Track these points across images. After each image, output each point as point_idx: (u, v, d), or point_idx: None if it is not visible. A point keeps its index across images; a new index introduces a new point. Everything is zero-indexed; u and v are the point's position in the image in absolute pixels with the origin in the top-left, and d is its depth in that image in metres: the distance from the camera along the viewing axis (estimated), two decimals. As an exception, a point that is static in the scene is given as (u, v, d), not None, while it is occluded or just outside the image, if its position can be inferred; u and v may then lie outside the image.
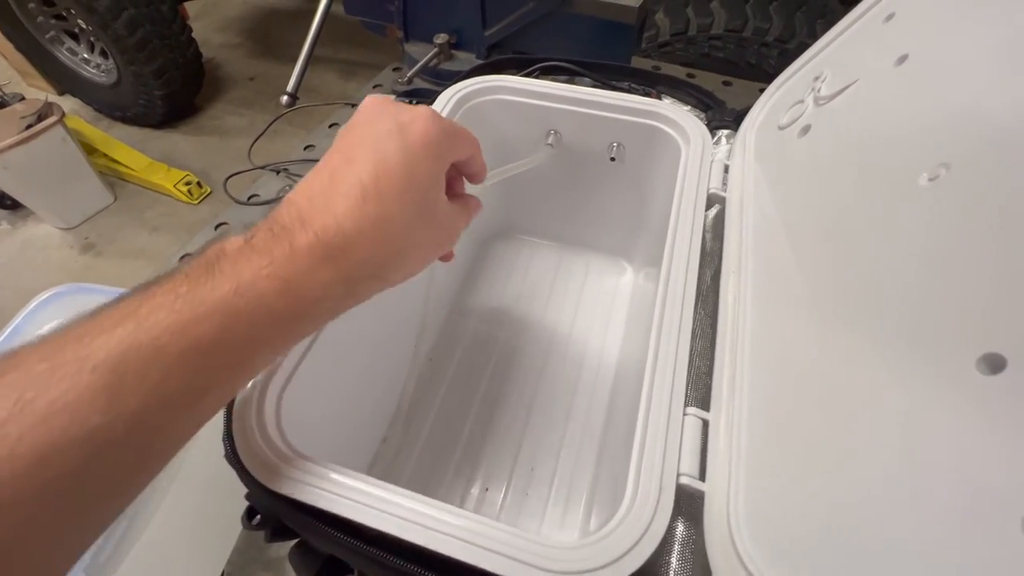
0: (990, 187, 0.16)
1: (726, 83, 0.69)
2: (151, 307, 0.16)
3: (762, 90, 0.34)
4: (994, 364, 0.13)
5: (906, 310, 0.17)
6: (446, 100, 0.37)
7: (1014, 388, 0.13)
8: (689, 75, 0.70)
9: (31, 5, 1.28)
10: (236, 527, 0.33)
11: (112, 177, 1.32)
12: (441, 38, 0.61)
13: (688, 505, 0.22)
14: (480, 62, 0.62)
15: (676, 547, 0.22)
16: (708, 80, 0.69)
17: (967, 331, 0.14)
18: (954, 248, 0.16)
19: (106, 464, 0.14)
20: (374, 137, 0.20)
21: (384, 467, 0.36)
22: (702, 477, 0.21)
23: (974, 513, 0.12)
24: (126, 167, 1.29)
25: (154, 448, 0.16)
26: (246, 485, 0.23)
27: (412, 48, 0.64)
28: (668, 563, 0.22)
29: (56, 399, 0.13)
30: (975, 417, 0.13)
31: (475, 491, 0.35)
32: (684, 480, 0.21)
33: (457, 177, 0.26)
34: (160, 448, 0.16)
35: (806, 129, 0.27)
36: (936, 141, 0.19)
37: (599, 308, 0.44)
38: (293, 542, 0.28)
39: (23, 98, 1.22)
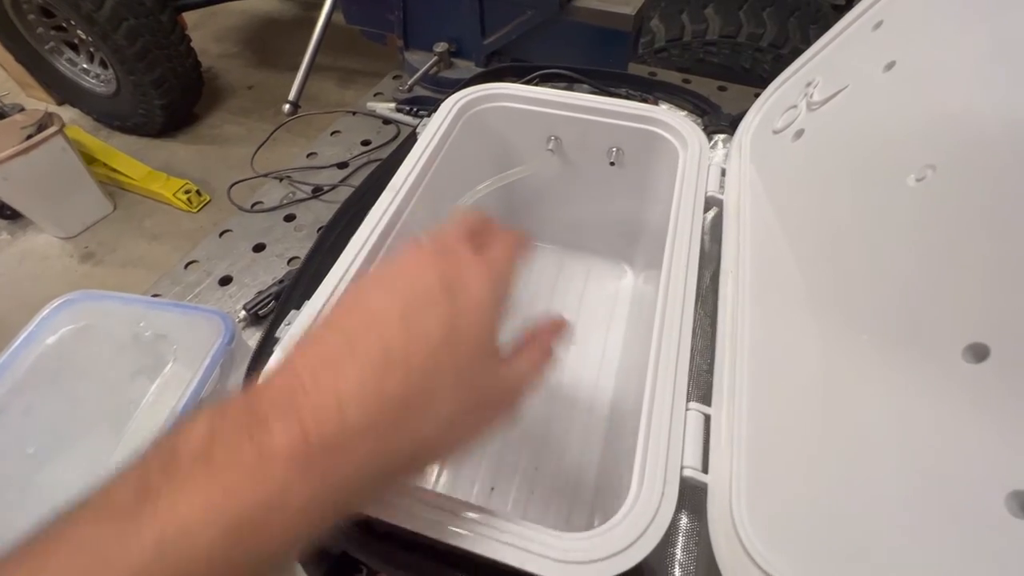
0: (974, 186, 0.17)
1: (722, 88, 0.70)
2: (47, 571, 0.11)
3: (757, 95, 0.35)
4: (979, 353, 0.14)
5: (897, 304, 0.18)
6: (448, 108, 0.38)
7: (997, 375, 0.14)
8: (685, 80, 0.71)
9: (31, 16, 1.29)
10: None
11: (112, 186, 1.33)
12: (441, 47, 0.62)
13: (692, 499, 0.22)
14: (480, 70, 0.63)
15: (680, 539, 0.22)
16: (704, 85, 0.70)
17: (953, 323, 0.15)
18: (941, 244, 0.17)
19: None
20: (413, 290, 0.16)
21: (391, 468, 0.36)
22: (705, 470, 0.22)
23: (962, 492, 0.13)
24: (126, 176, 1.30)
25: None
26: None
27: (412, 56, 0.65)
28: (673, 555, 0.22)
29: None
30: (962, 403, 0.14)
31: (482, 491, 0.36)
32: (688, 472, 0.21)
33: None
34: None
35: (799, 133, 0.28)
36: (923, 143, 0.20)
37: (600, 311, 0.44)
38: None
39: (23, 109, 1.22)
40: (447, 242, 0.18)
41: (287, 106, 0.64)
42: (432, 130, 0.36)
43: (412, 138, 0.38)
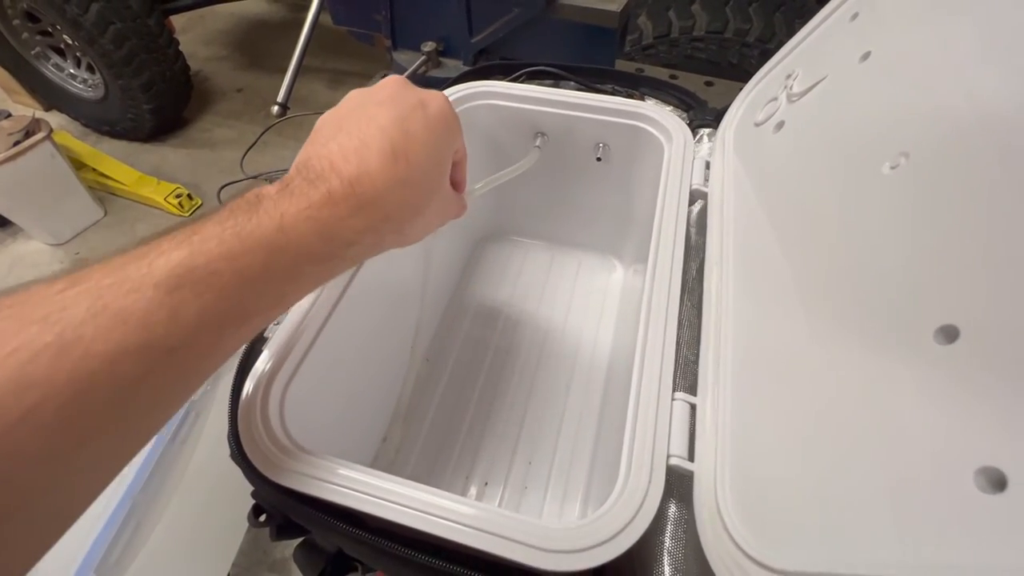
0: (945, 174, 0.17)
1: (708, 83, 0.70)
2: (202, 237, 0.17)
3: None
4: (949, 334, 0.15)
5: (874, 290, 0.18)
6: (435, 106, 0.38)
7: (966, 356, 0.14)
8: (672, 76, 0.72)
9: (16, 22, 1.27)
10: (241, 529, 0.33)
11: (102, 192, 1.32)
12: (429, 46, 0.62)
13: (679, 487, 0.23)
14: (467, 68, 0.64)
15: (669, 527, 0.23)
16: (691, 81, 0.70)
17: (926, 306, 0.16)
18: (913, 230, 0.17)
19: (162, 374, 0.16)
20: (400, 108, 0.22)
21: (385, 465, 0.36)
22: (691, 458, 0.22)
23: (934, 471, 0.14)
24: (116, 181, 1.29)
25: (201, 364, 0.17)
26: (252, 483, 0.24)
27: (400, 56, 0.65)
28: (662, 543, 0.23)
29: (124, 308, 0.15)
30: (934, 384, 0.14)
31: (475, 486, 0.36)
32: (674, 461, 0.22)
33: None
34: (205, 365, 0.18)
35: (780, 125, 0.28)
36: (897, 132, 0.20)
37: (591, 305, 0.45)
38: (297, 542, 0.29)
39: (9, 115, 1.21)
40: (408, 79, 0.25)
41: (276, 108, 0.64)
42: (419, 129, 0.37)
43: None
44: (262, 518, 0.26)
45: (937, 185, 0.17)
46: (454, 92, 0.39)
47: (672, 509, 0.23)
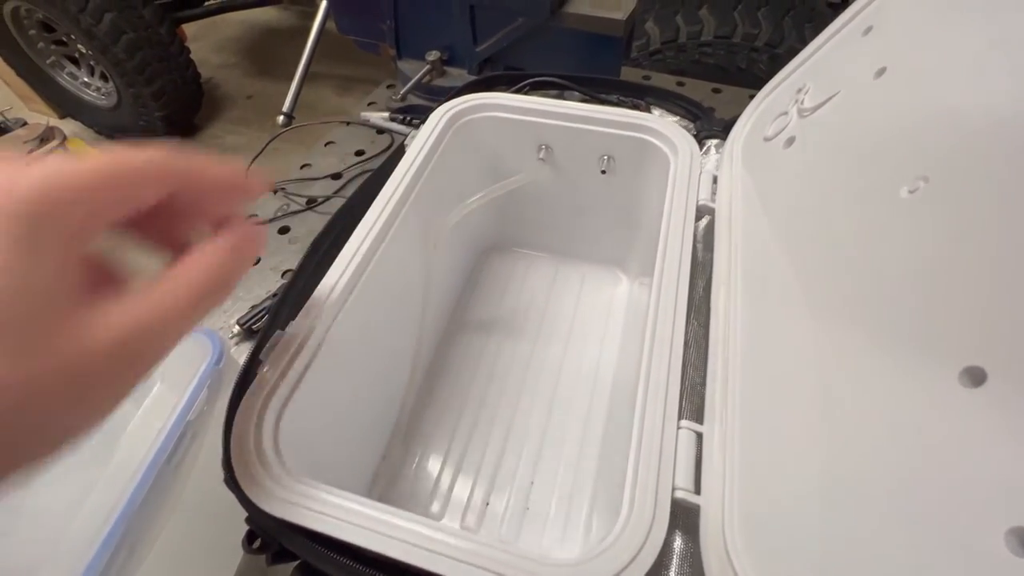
0: (967, 199, 0.16)
1: (716, 90, 0.70)
2: None
3: (752, 96, 0.35)
4: (976, 377, 0.14)
5: (892, 323, 0.17)
6: (438, 118, 0.38)
7: (995, 403, 0.13)
8: (679, 83, 0.71)
9: (32, 31, 1.30)
10: (237, 551, 0.33)
11: (113, 198, 1.34)
12: (433, 55, 0.62)
13: (685, 519, 0.22)
14: (472, 78, 0.63)
15: (675, 561, 0.22)
16: (698, 88, 0.70)
17: (949, 344, 0.15)
18: (935, 261, 0.16)
19: None
20: None
21: (385, 484, 0.36)
22: (697, 491, 0.21)
23: (961, 526, 0.13)
24: (127, 188, 1.30)
25: None
26: (246, 509, 0.23)
27: (405, 65, 0.65)
28: (667, 578, 0.22)
29: None
30: (960, 431, 0.14)
31: (476, 505, 0.35)
32: (679, 494, 0.21)
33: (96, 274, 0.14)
34: None
35: (790, 141, 0.27)
36: (915, 154, 0.19)
37: (595, 319, 0.44)
38: (294, 564, 0.28)
39: (25, 123, 1.23)
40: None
41: (281, 117, 0.64)
42: (421, 141, 0.36)
43: (401, 150, 0.38)
44: (256, 544, 0.25)
45: (958, 213, 0.16)
46: (456, 104, 0.39)
47: (678, 542, 0.22)
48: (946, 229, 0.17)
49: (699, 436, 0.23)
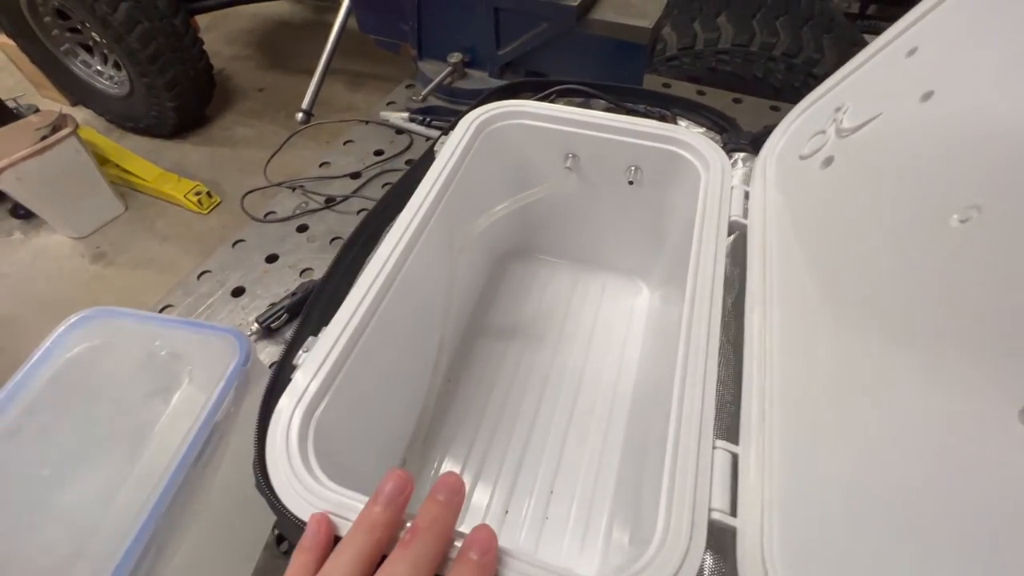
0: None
1: (736, 100, 0.69)
2: None
3: (772, 107, 0.35)
4: (1036, 417, 0.14)
5: (944, 355, 0.17)
6: (467, 125, 0.38)
7: (1059, 443, 0.13)
8: (700, 92, 0.71)
9: (47, 19, 1.30)
10: (257, 551, 0.33)
11: (123, 187, 1.34)
12: (455, 57, 0.62)
13: (718, 539, 0.22)
14: (494, 80, 0.63)
15: (706, 581, 0.22)
16: (718, 97, 0.69)
17: (1006, 385, 0.15)
18: (989, 296, 0.16)
19: None
20: None
21: (404, 489, 0.36)
22: (733, 512, 0.21)
23: (1014, 568, 0.13)
24: (138, 177, 1.31)
25: None
26: (276, 514, 0.23)
27: (426, 66, 0.65)
28: (699, 598, 0.22)
29: None
30: (1020, 472, 0.13)
31: (496, 512, 0.35)
32: (716, 516, 0.21)
33: None
34: None
35: (828, 160, 0.27)
36: (966, 182, 0.19)
37: (616, 328, 0.44)
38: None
39: (38, 110, 1.24)
40: None
41: (300, 115, 0.64)
42: (451, 147, 0.36)
43: (430, 155, 0.38)
44: (284, 547, 0.25)
45: (1016, 246, 0.16)
46: (485, 111, 0.39)
47: (708, 562, 0.22)
48: (1001, 262, 0.17)
49: (734, 456, 0.23)
